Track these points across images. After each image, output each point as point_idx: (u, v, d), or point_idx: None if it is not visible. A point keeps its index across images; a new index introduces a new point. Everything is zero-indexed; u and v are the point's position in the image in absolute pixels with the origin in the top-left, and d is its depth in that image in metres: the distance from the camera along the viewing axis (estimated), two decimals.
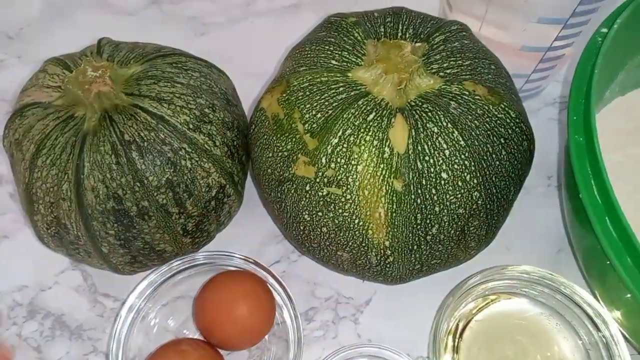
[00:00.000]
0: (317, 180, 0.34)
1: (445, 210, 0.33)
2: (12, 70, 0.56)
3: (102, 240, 0.36)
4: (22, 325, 0.44)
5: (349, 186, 0.33)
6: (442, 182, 0.32)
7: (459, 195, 0.33)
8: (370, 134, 0.33)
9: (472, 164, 0.33)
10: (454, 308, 0.38)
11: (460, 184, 0.33)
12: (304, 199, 0.35)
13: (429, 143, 0.32)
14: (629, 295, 0.31)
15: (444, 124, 0.33)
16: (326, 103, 0.34)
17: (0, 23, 0.58)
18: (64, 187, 0.34)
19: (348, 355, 0.39)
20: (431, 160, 0.32)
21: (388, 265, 0.35)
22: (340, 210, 0.34)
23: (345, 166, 0.33)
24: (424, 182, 0.32)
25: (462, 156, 0.33)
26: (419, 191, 0.32)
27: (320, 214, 0.34)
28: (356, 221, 0.34)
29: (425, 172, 0.32)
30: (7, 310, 0.44)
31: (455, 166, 0.33)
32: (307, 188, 0.34)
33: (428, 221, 0.33)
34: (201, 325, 0.39)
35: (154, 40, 0.54)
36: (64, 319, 0.44)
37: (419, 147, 0.32)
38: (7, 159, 0.49)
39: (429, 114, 0.33)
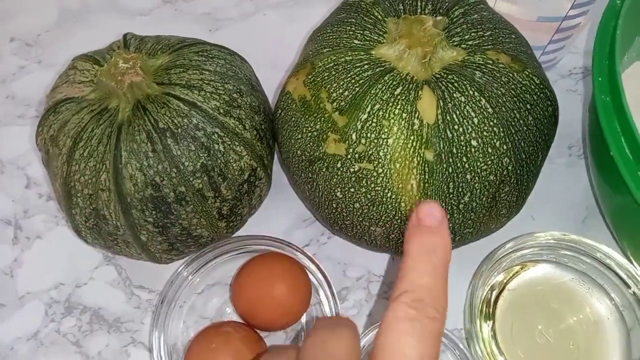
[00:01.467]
0: (348, 156, 0.34)
1: (477, 178, 0.34)
2: (34, 76, 0.57)
3: (141, 228, 0.37)
4: (60, 322, 0.45)
5: (380, 160, 0.34)
6: (473, 149, 0.33)
7: (490, 162, 0.33)
8: (398, 107, 0.34)
9: (501, 130, 0.33)
10: (487, 276, 0.39)
11: (490, 150, 0.33)
12: (336, 176, 0.35)
13: (458, 112, 0.33)
14: None
15: (471, 92, 0.34)
16: (352, 81, 0.35)
17: (18, 31, 0.60)
18: (102, 177, 0.35)
19: None
20: (460, 129, 0.33)
21: None
22: (372, 185, 0.34)
23: (375, 140, 0.34)
24: (454, 151, 0.33)
25: (491, 123, 0.33)
26: (450, 160, 0.33)
27: (352, 190, 0.35)
28: (389, 194, 0.34)
29: (456, 140, 0.33)
30: (44, 308, 0.45)
31: (485, 133, 0.33)
32: (339, 165, 0.35)
33: (460, 189, 0.34)
34: (240, 307, 0.39)
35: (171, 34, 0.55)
36: (101, 312, 0.45)
37: (448, 117, 0.33)
38: (38, 162, 0.51)
39: (455, 84, 0.34)
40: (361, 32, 0.37)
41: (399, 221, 0.35)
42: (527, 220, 0.45)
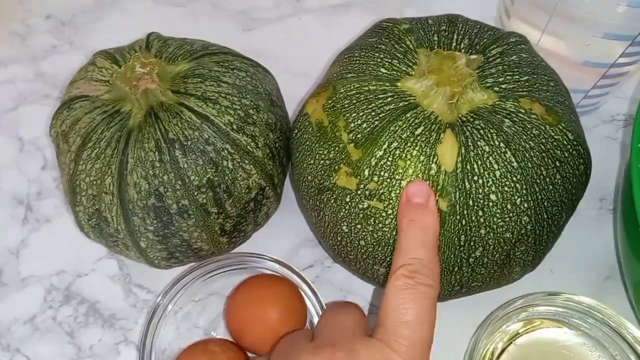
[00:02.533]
0: (359, 192, 0.33)
1: (492, 234, 0.32)
2: (64, 57, 0.57)
3: (141, 235, 0.36)
4: (57, 309, 0.45)
5: (391, 201, 0.32)
6: (490, 204, 0.31)
7: (507, 219, 0.31)
8: (417, 148, 0.32)
9: (524, 187, 0.31)
10: (493, 330, 0.37)
11: (509, 207, 0.31)
12: (344, 209, 0.34)
13: (479, 162, 0.31)
14: None
15: (497, 143, 0.31)
16: (373, 113, 0.33)
17: (54, 9, 0.60)
18: (106, 181, 0.35)
19: None
20: (480, 181, 0.31)
21: None
22: (380, 225, 0.33)
23: (388, 180, 0.32)
24: (470, 203, 0.31)
25: (514, 178, 0.31)
26: (465, 212, 0.31)
27: (359, 226, 0.34)
28: (396, 237, 0.33)
29: (473, 192, 0.31)
30: (44, 293, 0.46)
31: (506, 188, 0.31)
32: (348, 199, 0.33)
33: (472, 243, 0.32)
34: (232, 326, 0.39)
35: (201, 34, 0.54)
36: (98, 306, 0.45)
37: (468, 166, 0.31)
38: (53, 145, 0.51)
39: (481, 131, 0.32)
40: (389, 60, 0.35)
41: None
42: (544, 272, 0.42)
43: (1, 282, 0.46)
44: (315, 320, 0.39)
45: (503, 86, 0.34)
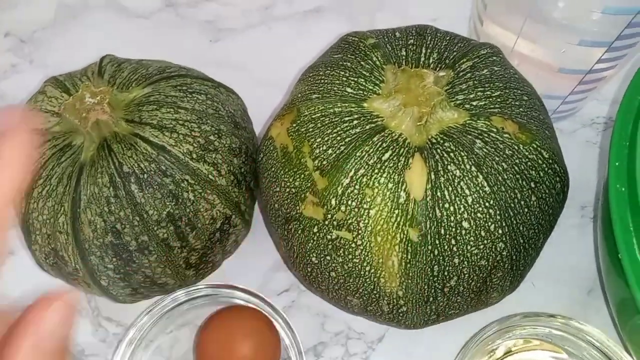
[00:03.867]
0: (326, 222, 0.31)
1: (466, 262, 0.30)
2: (23, 76, 0.55)
3: (101, 274, 0.34)
4: None
5: (360, 231, 0.30)
6: (463, 232, 0.29)
7: (482, 247, 0.30)
8: (385, 175, 0.30)
9: (498, 212, 0.30)
10: (472, 356, 0.35)
11: (483, 234, 0.30)
12: (312, 241, 0.32)
13: (450, 189, 0.29)
14: None
15: (467, 167, 0.30)
16: (338, 138, 0.32)
17: (14, 26, 0.57)
18: (60, 220, 0.33)
19: None
20: (452, 208, 0.29)
21: (401, 314, 0.33)
22: (350, 256, 0.31)
23: (356, 210, 0.30)
24: (442, 232, 0.29)
25: (487, 204, 0.29)
26: (437, 242, 0.29)
27: (328, 257, 0.32)
28: (367, 268, 0.31)
29: (445, 220, 0.29)
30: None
31: (479, 215, 0.29)
32: (315, 230, 0.32)
33: (446, 273, 0.30)
34: None
35: (166, 46, 0.52)
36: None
37: (439, 193, 0.29)
38: None
39: (452, 154, 0.30)
40: (355, 79, 0.34)
41: (376, 295, 0.32)
42: (526, 286, 0.41)
43: None
44: (291, 353, 0.37)
45: (474, 103, 0.32)
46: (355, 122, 0.32)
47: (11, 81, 0.55)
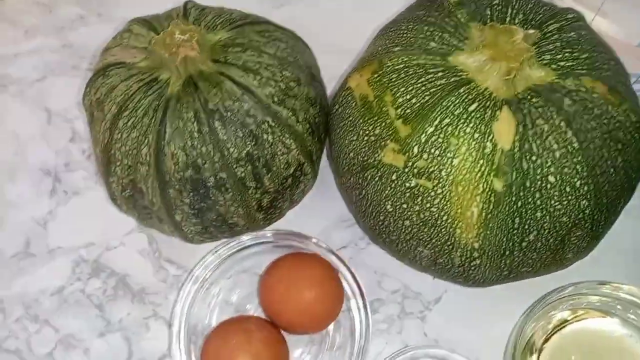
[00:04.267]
0: (406, 170, 0.31)
1: (548, 217, 0.30)
2: (91, 28, 0.56)
3: (177, 208, 0.35)
4: (86, 282, 0.44)
5: (440, 180, 0.31)
6: (549, 185, 0.29)
7: (565, 202, 0.30)
8: (471, 125, 0.30)
9: (585, 169, 0.30)
10: (540, 317, 0.35)
11: (568, 189, 0.30)
12: (389, 188, 0.32)
13: (538, 142, 0.29)
14: None
15: (557, 122, 0.30)
16: (423, 88, 0.32)
17: None
18: (143, 151, 0.34)
19: (415, 355, 0.37)
20: (539, 161, 0.29)
21: (473, 268, 0.33)
22: (427, 205, 0.31)
23: (439, 158, 0.30)
24: (527, 184, 0.30)
25: (574, 160, 0.29)
26: (521, 193, 0.30)
27: (405, 206, 0.32)
28: (444, 217, 0.31)
29: (531, 173, 0.29)
30: (72, 265, 0.45)
31: (566, 169, 0.29)
32: (394, 177, 0.32)
33: (526, 227, 0.30)
34: (266, 305, 0.38)
35: (232, 7, 0.52)
36: (127, 280, 0.44)
37: (526, 145, 0.29)
38: (84, 116, 0.50)
39: (540, 109, 0.30)
40: (439, 34, 0.34)
41: (450, 247, 0.32)
42: (590, 260, 0.41)
43: (28, 253, 0.45)
44: (352, 303, 0.38)
45: (561, 63, 0.32)
46: (440, 74, 0.32)
47: (79, 32, 0.56)
